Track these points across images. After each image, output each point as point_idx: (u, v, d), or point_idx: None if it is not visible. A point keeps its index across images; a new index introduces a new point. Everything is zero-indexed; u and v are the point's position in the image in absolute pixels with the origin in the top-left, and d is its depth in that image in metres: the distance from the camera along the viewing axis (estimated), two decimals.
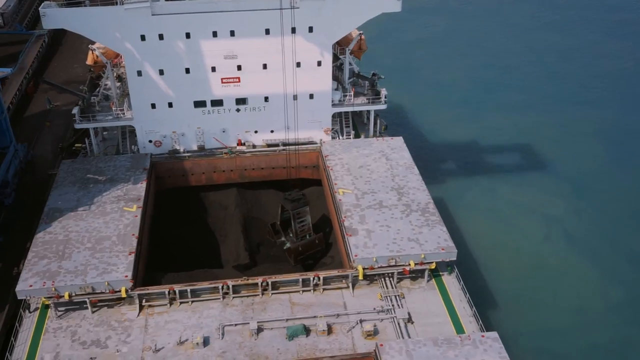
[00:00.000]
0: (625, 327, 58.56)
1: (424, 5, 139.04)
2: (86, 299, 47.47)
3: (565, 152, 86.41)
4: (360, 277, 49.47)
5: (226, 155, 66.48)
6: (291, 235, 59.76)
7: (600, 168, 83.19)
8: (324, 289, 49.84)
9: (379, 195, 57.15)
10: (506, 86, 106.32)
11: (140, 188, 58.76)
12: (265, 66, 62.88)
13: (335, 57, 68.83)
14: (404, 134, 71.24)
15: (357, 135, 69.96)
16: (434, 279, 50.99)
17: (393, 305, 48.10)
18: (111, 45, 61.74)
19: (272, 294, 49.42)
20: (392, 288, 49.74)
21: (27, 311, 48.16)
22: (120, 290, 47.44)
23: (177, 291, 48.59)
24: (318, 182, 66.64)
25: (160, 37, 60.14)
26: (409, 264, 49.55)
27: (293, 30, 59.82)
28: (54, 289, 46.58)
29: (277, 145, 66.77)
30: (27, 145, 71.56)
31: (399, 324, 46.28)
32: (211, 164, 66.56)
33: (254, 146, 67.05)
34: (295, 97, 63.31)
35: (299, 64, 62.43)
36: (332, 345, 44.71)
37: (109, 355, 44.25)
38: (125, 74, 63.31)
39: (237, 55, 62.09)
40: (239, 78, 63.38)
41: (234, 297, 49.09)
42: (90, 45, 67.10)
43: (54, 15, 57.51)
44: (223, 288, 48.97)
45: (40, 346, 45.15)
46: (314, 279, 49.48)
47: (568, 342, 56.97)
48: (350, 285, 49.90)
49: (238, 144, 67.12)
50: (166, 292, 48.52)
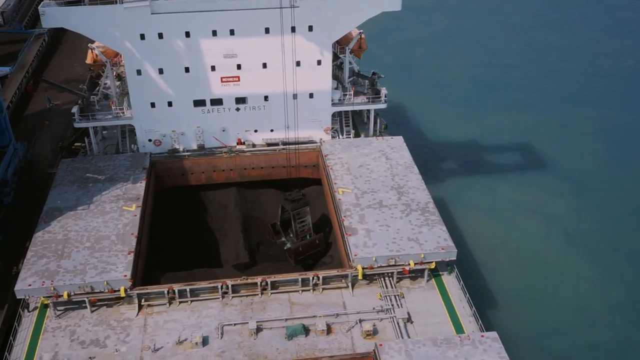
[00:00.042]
0: (625, 327, 58.47)
1: (424, 4, 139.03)
2: (85, 299, 47.43)
3: (566, 151, 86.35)
4: (360, 277, 49.41)
5: (226, 155, 66.42)
6: (291, 236, 59.67)
7: (600, 167, 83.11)
8: (324, 289, 49.77)
9: (379, 194, 57.07)
10: (506, 85, 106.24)
11: (140, 187, 58.70)
12: (265, 65, 62.83)
13: (335, 56, 68.82)
14: (404, 133, 71.16)
15: (357, 135, 69.91)
16: (433, 279, 50.91)
17: (392, 305, 48.02)
18: (111, 44, 61.68)
19: (272, 293, 49.37)
20: (392, 288, 49.65)
21: (26, 310, 48.11)
22: (119, 290, 47.43)
23: (176, 291, 48.55)
24: (318, 182, 66.56)
25: (160, 36, 60.08)
26: (409, 264, 49.48)
27: (293, 29, 59.73)
28: (52, 289, 46.55)
29: (277, 144, 66.74)
30: (27, 144, 71.46)
31: (398, 323, 46.21)
32: (211, 163, 66.52)
33: (254, 145, 67.02)
34: (295, 96, 63.22)
35: (298, 63, 62.38)
36: (331, 345, 44.65)
37: (107, 354, 44.20)
38: (125, 72, 63.23)
39: (237, 54, 62.06)
40: (238, 77, 63.34)
41: (233, 297, 49.03)
42: (89, 44, 67.00)
43: (53, 14, 57.45)
44: (222, 288, 48.92)
45: (39, 346, 45.10)
46: (313, 278, 49.43)
47: (568, 342, 56.87)
48: (349, 284, 49.83)
49: (238, 143, 67.07)
50: (165, 292, 48.51)
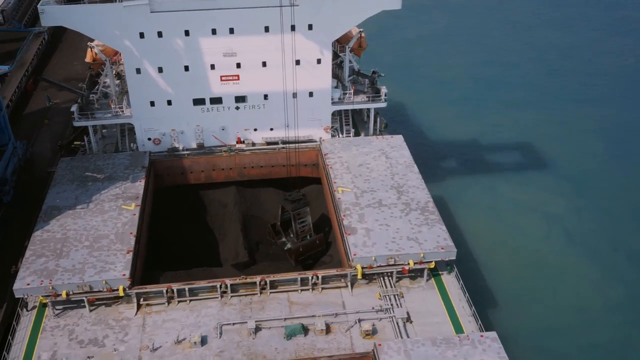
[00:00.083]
0: (625, 327, 58.40)
1: (424, 3, 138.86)
2: (84, 298, 47.35)
3: (566, 150, 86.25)
4: (359, 277, 49.30)
5: (225, 153, 66.30)
6: (292, 236, 59.57)
7: (600, 166, 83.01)
8: (323, 288, 49.66)
9: (379, 193, 56.93)
10: (506, 84, 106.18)
11: (139, 186, 58.58)
12: (264, 64, 62.67)
13: (335, 55, 68.70)
14: (404, 132, 71.16)
15: (357, 134, 69.78)
16: (433, 279, 50.79)
17: (392, 304, 47.90)
18: (110, 43, 61.57)
19: (271, 293, 49.28)
20: (391, 287, 49.54)
21: (25, 309, 48.06)
22: (118, 289, 47.34)
23: (175, 290, 48.45)
24: (317, 181, 66.43)
25: (159, 35, 59.93)
26: (408, 263, 49.34)
27: (292, 27, 59.61)
28: (51, 288, 46.44)
29: (277, 143, 66.62)
30: (26, 143, 71.45)
31: (397, 323, 46.10)
32: (210, 162, 66.39)
33: (254, 144, 66.90)
34: (294, 95, 63.12)
35: (298, 62, 62.29)
36: (331, 344, 44.54)
37: (106, 354, 44.11)
38: (124, 71, 63.10)
39: (237, 53, 61.93)
40: (238, 76, 63.20)
41: (232, 296, 48.93)
42: (89, 43, 66.88)
43: (52, 13, 57.34)
44: (221, 287, 48.85)
45: (37, 345, 45.02)
46: (312, 278, 49.32)
47: (568, 342, 56.79)
48: (349, 284, 49.71)
49: (237, 142, 66.93)
50: (164, 291, 48.41)
